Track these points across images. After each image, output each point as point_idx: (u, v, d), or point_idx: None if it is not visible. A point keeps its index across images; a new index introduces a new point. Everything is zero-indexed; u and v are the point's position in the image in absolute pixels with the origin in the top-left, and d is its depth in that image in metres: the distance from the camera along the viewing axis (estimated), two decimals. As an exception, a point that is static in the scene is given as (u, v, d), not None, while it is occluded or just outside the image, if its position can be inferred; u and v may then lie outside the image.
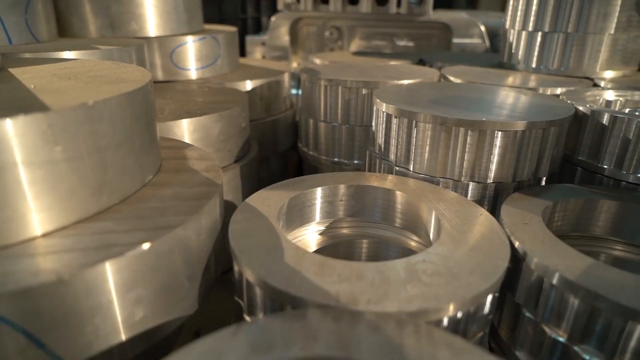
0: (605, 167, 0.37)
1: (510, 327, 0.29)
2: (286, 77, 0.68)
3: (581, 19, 0.52)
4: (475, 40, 0.86)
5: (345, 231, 0.34)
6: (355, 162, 0.51)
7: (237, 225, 0.28)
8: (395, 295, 0.21)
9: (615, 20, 0.52)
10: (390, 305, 0.21)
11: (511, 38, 0.60)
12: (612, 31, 0.52)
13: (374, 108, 0.40)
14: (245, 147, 0.51)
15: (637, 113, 0.40)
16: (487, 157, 0.34)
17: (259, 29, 1.11)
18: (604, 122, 0.36)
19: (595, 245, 0.34)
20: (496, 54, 0.71)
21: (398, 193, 0.33)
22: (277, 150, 0.70)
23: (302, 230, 0.33)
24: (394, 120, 0.37)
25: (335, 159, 0.52)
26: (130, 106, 0.26)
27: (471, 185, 0.35)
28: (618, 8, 0.51)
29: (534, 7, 0.55)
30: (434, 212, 0.30)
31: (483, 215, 0.30)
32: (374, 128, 0.41)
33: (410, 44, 0.91)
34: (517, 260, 0.27)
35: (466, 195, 0.35)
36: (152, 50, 0.61)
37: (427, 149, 0.35)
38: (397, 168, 0.38)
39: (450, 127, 0.34)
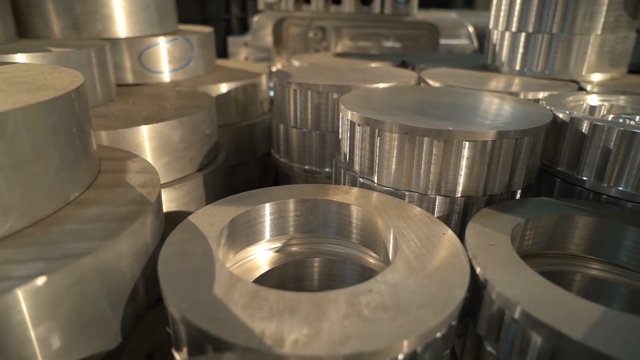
0: (585, 179, 0.34)
1: (472, 360, 0.26)
2: (263, 80, 0.66)
3: (566, 19, 0.50)
4: (463, 41, 0.83)
5: (298, 249, 0.32)
6: (327, 170, 0.48)
7: (170, 247, 0.25)
8: (328, 335, 0.19)
9: (602, 20, 0.49)
10: (319, 347, 0.18)
11: (495, 39, 0.57)
12: (599, 32, 0.50)
13: (340, 115, 0.37)
14: (211, 155, 0.48)
15: (620, 120, 0.37)
16: (454, 169, 0.31)
17: (245, 29, 1.09)
18: (583, 131, 0.34)
19: (570, 264, 0.31)
20: (483, 56, 0.69)
21: (357, 209, 0.31)
22: (254, 155, 0.67)
23: (251, 250, 0.31)
24: (358, 129, 0.34)
25: (307, 167, 0.49)
26: (47, 117, 0.23)
27: (438, 199, 0.32)
28: (605, 7, 0.49)
29: (517, 7, 0.52)
30: (392, 232, 0.28)
31: (446, 235, 0.27)
32: (340, 136, 0.38)
33: (397, 45, 0.89)
34: (478, 287, 0.24)
35: (433, 210, 0.32)
36: (120, 52, 0.58)
37: (392, 160, 0.32)
38: (362, 180, 0.35)
39: (414, 136, 0.31)
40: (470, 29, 0.83)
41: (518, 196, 0.34)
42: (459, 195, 0.32)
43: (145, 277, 0.25)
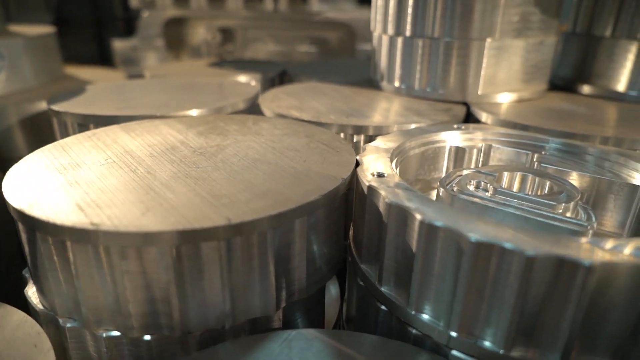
0: (385, 291, 0.20)
1: None
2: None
3: (446, 16, 0.35)
4: (384, 45, 0.69)
5: None
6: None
7: None
8: None
9: (499, 19, 0.35)
10: None
11: (375, 44, 0.43)
12: (497, 35, 0.35)
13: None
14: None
15: (471, 185, 0.23)
16: (109, 289, 0.17)
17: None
18: (380, 210, 0.20)
19: None
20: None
21: None
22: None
23: None
24: (8, 204, 0.20)
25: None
26: None
27: (106, 337, 0.18)
28: (502, 2, 0.34)
29: (392, 1, 0.38)
30: None
31: None
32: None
33: (313, 49, 0.75)
34: None
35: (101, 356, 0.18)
36: None
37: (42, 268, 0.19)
38: (38, 304, 0.21)
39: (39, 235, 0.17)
40: (393, 29, 0.69)
41: (279, 322, 0.20)
42: (138, 334, 0.18)
43: None
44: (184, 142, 0.26)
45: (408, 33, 0.38)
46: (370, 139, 0.31)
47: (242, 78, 0.51)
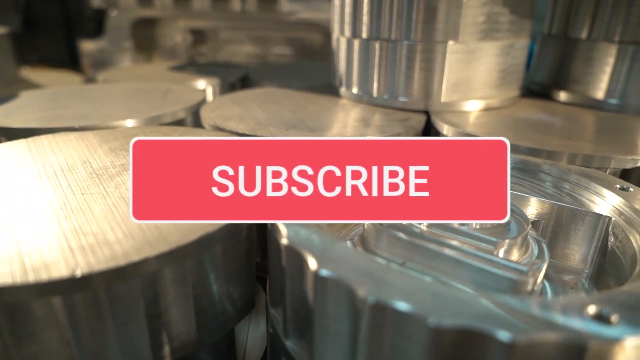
0: (288, 344, 0.17)
1: None
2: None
3: (402, 17, 0.32)
4: (360, 46, 0.65)
5: None
6: None
7: None
8: None
9: (462, 21, 0.32)
10: None
11: (334, 47, 0.40)
12: (461, 37, 0.32)
13: None
14: None
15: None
16: None
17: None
18: (280, 249, 0.16)
19: None
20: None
21: None
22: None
23: None
24: None
25: None
26: None
27: None
28: (464, 1, 0.31)
29: (348, 0, 0.35)
30: None
31: None
32: None
33: (289, 51, 0.72)
34: None
35: None
36: None
37: None
38: None
39: None
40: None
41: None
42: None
43: None
44: (86, 161, 0.23)
45: (365, 35, 0.34)
46: (311, 154, 0.28)
47: (201, 83, 0.47)
